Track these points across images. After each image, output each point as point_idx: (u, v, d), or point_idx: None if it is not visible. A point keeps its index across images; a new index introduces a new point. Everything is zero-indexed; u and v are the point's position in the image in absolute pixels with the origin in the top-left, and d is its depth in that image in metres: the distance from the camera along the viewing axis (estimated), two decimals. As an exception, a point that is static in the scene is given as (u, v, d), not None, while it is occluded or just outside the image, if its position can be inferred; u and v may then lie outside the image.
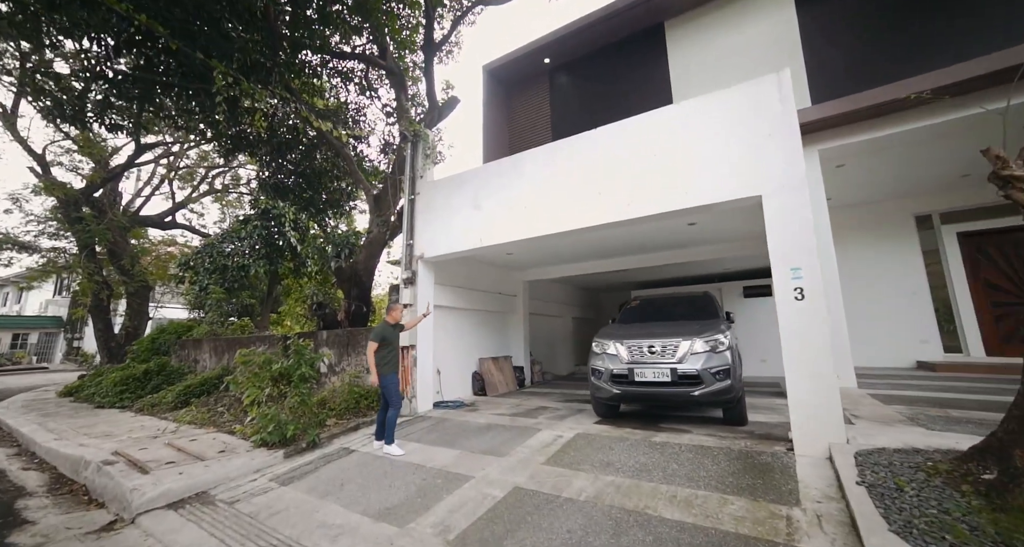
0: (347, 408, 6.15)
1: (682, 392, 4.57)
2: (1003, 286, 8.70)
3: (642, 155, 4.96)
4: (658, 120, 4.94)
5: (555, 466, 3.96)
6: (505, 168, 6.21)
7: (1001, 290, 8.69)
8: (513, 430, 5.24)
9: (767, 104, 4.23)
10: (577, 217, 5.34)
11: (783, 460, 3.63)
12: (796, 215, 3.94)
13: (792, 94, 4.10)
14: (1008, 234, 8.47)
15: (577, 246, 7.78)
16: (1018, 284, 8.63)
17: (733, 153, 4.37)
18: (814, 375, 3.68)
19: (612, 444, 4.43)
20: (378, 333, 4.85)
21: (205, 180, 16.54)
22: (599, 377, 5.12)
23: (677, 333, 4.91)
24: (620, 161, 5.12)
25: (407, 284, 6.93)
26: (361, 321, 8.35)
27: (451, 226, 6.63)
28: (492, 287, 9.30)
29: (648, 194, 4.85)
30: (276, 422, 4.97)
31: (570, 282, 12.49)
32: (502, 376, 8.71)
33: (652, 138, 4.93)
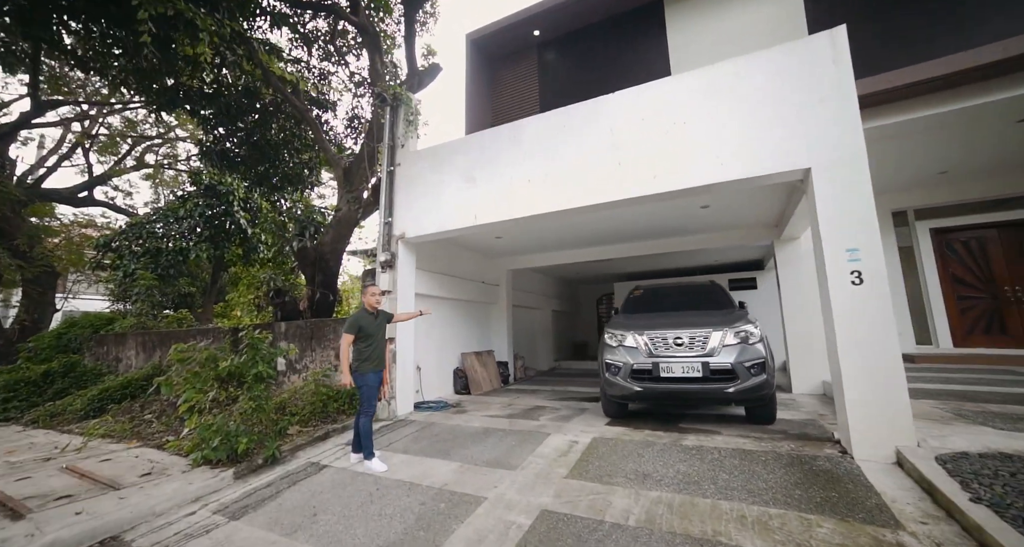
0: (313, 413, 5.17)
1: (715, 389, 4.06)
2: (967, 280, 9.06)
3: (670, 123, 4.39)
4: (689, 84, 4.37)
5: (582, 479, 3.31)
6: (504, 137, 5.45)
7: (966, 284, 9.06)
8: (516, 435, 4.54)
9: (819, 66, 3.77)
10: (593, 191, 4.70)
11: (844, 466, 3.19)
12: (854, 190, 3.50)
13: (848, 55, 3.66)
14: (973, 230, 8.83)
15: (574, 230, 7.18)
16: (981, 279, 9.01)
17: (777, 121, 3.88)
18: (877, 370, 3.26)
19: (639, 450, 3.84)
20: (353, 322, 3.97)
21: (132, 153, 14.37)
22: (615, 373, 4.53)
23: (704, 323, 4.41)
24: (644, 129, 4.52)
25: (385, 268, 6.00)
26: (326, 311, 7.28)
27: (439, 202, 5.78)
28: (474, 275, 8.51)
29: (676, 166, 4.28)
30: (223, 433, 3.97)
31: (551, 273, 11.92)
32: (486, 372, 7.97)
33: (681, 104, 4.37)
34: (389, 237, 6.12)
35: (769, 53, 4.04)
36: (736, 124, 4.06)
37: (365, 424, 3.91)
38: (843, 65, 3.67)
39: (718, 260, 10.23)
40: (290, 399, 5.48)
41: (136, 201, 14.77)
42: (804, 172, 3.78)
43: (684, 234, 7.60)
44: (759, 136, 3.94)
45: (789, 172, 3.82)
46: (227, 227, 9.41)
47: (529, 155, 5.18)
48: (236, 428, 4.10)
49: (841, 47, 3.69)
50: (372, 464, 3.82)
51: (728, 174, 4.04)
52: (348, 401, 5.47)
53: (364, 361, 3.94)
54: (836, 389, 3.57)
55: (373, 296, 4.16)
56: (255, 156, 8.96)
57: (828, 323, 3.57)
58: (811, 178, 3.69)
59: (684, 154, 4.27)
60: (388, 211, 6.19)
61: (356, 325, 3.96)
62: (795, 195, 4.97)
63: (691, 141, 4.25)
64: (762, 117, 3.95)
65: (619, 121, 4.68)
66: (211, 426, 4.00)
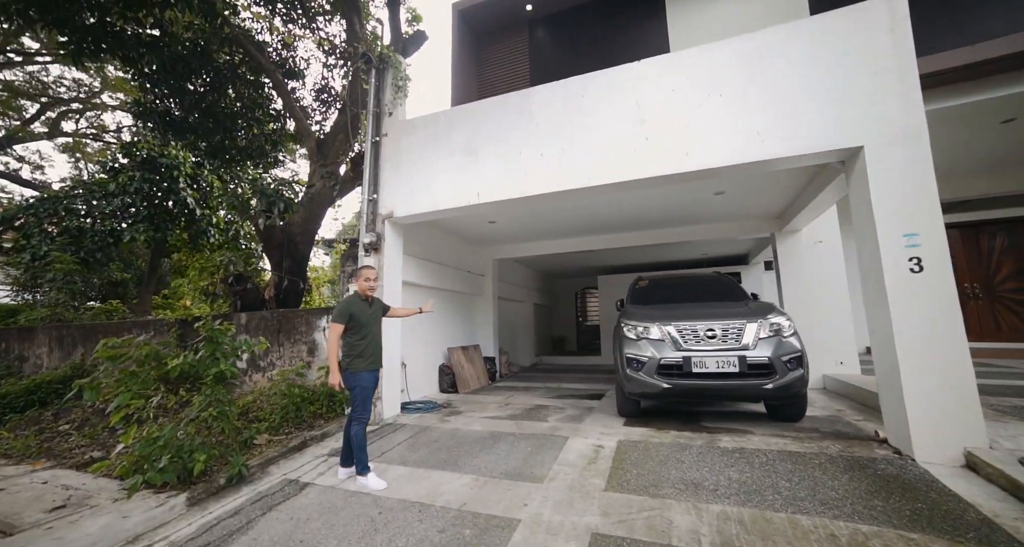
0: (285, 418, 4.38)
1: (751, 385, 3.73)
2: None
3: (703, 95, 3.99)
4: (725, 54, 3.99)
5: (626, 492, 2.84)
6: (512, 106, 4.86)
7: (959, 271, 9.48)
8: (529, 440, 4.01)
9: (873, 34, 3.48)
10: (616, 169, 4.23)
11: (911, 471, 2.91)
12: (914, 170, 3.24)
13: (908, 22, 3.40)
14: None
15: (569, 217, 6.72)
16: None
17: (824, 95, 3.57)
18: (941, 364, 3.01)
19: (675, 454, 3.43)
20: (343, 310, 3.29)
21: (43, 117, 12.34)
22: (638, 368, 4.10)
23: (735, 314, 4.08)
24: (674, 102, 4.10)
25: (369, 251, 5.26)
26: (295, 300, 6.39)
27: (434, 177, 5.11)
28: (460, 264, 7.87)
29: (712, 142, 3.90)
30: (174, 449, 3.16)
31: (532, 265, 11.45)
32: (473, 369, 7.37)
33: (716, 75, 3.98)
34: (374, 216, 5.37)
35: (816, 21, 3.73)
36: (778, 98, 3.72)
37: (359, 433, 3.24)
38: (901, 33, 3.40)
39: (706, 254, 10.17)
40: (255, 402, 4.64)
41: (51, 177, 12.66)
42: (853, 151, 3.50)
43: (684, 224, 7.35)
44: (804, 111, 3.62)
45: (836, 151, 3.52)
46: (170, 206, 8.15)
47: (542, 127, 4.63)
48: (190, 441, 3.29)
49: (900, 13, 3.42)
50: (368, 481, 3.17)
51: (769, 152, 3.69)
52: (327, 403, 4.71)
53: (357, 357, 3.26)
54: (886, 386, 3.33)
55: (368, 280, 3.47)
56: (207, 125, 7.75)
57: (879, 314, 3.30)
58: (862, 158, 3.41)
59: (720, 129, 3.88)
60: (373, 187, 5.43)
61: (347, 313, 3.27)
62: (818, 180, 4.75)
63: (728, 115, 3.88)
64: (807, 90, 3.63)
65: (646, 93, 4.23)
66: (156, 440, 3.16)
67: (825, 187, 4.55)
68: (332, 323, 3.22)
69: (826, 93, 3.57)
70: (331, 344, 3.20)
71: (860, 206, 3.51)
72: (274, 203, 5.25)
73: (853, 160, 3.57)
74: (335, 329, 3.23)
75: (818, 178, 4.73)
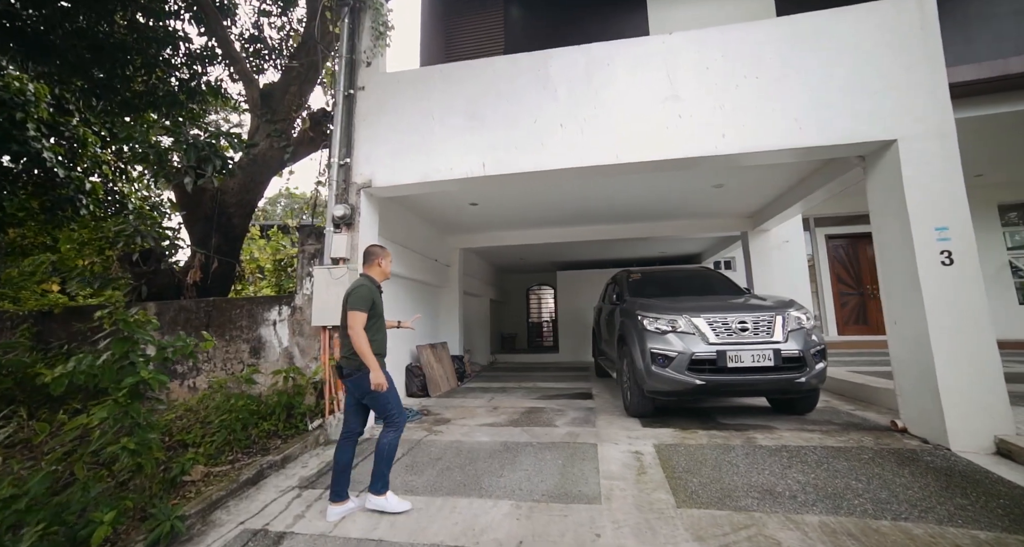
0: (227, 441, 3.28)
1: (786, 379, 3.59)
2: (845, 280, 10.83)
3: (740, 75, 3.79)
4: (767, 34, 3.82)
5: (705, 507, 2.44)
6: (523, 69, 4.26)
7: (845, 283, 10.80)
8: (552, 450, 3.46)
9: (906, 30, 3.53)
10: (646, 146, 3.86)
11: (958, 462, 2.89)
12: (944, 165, 3.32)
13: (937, 20, 3.48)
14: (850, 238, 10.57)
15: (558, 204, 6.29)
16: (855, 278, 10.82)
17: (861, 87, 3.55)
18: (972, 355, 3.09)
19: (722, 457, 3.14)
20: (366, 297, 2.60)
21: None
22: (664, 364, 3.78)
23: (761, 307, 3.94)
24: (710, 79, 3.84)
25: (340, 226, 4.29)
26: (224, 287, 5.08)
27: (426, 143, 4.31)
28: (428, 251, 7.03)
29: (749, 125, 3.70)
30: (49, 512, 2.07)
31: (491, 257, 10.84)
32: (443, 369, 6.59)
33: (754, 55, 3.80)
34: (347, 185, 4.39)
35: (855, 11, 3.70)
36: (815, 85, 3.64)
37: (394, 442, 2.62)
38: (931, 30, 3.48)
39: (663, 252, 10.44)
40: (179, 422, 3.44)
41: None
42: (883, 145, 3.51)
43: (663, 219, 7.33)
44: (841, 101, 3.57)
45: (870, 143, 3.52)
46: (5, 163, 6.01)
47: (561, 94, 4.11)
48: (82, 492, 2.21)
49: (929, 12, 3.50)
50: (388, 501, 2.50)
51: (806, 139, 3.59)
52: (283, 418, 3.68)
53: (376, 354, 2.49)
54: (912, 377, 3.38)
55: (389, 264, 2.78)
56: (80, 54, 5.77)
57: (910, 307, 3.33)
58: (894, 151, 3.43)
59: (757, 113, 3.71)
60: (345, 149, 4.45)
61: (370, 300, 2.54)
62: (818, 175, 4.85)
63: (765, 99, 3.71)
64: (845, 81, 3.59)
65: (679, 66, 3.93)
66: (11, 502, 2.03)
67: (826, 183, 4.67)
68: (355, 312, 2.54)
69: (862, 84, 3.55)
70: (363, 337, 2.49)
71: (888, 200, 3.54)
72: (207, 159, 3.99)
73: (879, 154, 3.59)
74: (360, 318, 2.52)
75: (818, 173, 4.85)
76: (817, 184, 4.90)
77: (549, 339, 14.72)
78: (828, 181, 4.65)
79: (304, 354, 4.23)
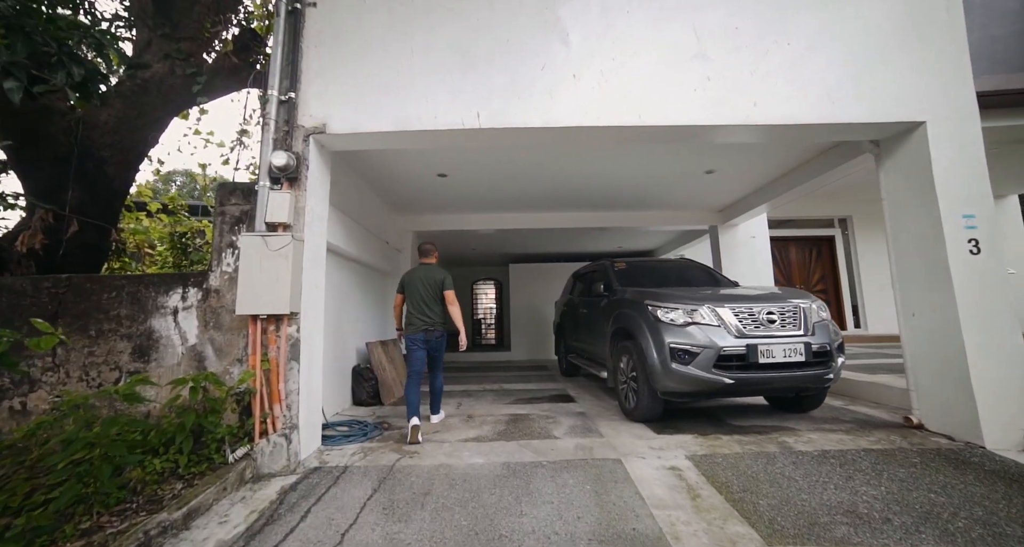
0: (78, 498, 2.05)
1: (815, 376, 3.27)
2: (779, 279, 11.63)
3: (770, 40, 3.40)
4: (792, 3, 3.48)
5: (797, 543, 1.92)
6: (528, 6, 3.49)
7: (779, 283, 11.59)
8: (570, 471, 2.76)
9: (933, 13, 3.40)
10: (674, 109, 3.33)
11: (1004, 462, 2.74)
12: (969, 150, 3.22)
13: (961, 4, 3.39)
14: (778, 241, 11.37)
15: (532, 181, 5.63)
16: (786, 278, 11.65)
17: (891, 66, 3.35)
18: (1001, 347, 2.99)
19: (771, 469, 2.68)
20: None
21: None
22: (686, 360, 3.28)
23: (781, 296, 3.62)
24: (739, 41, 3.41)
25: (280, 181, 3.17)
26: (89, 262, 3.60)
27: (404, 81, 3.35)
28: (379, 231, 5.95)
29: (781, 94, 3.33)
30: None
31: (441, 245, 9.82)
32: (395, 372, 5.56)
33: (785, 19, 3.43)
34: (290, 129, 3.27)
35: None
36: (847, 58, 3.37)
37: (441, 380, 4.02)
38: (956, 14, 3.38)
39: (621, 246, 10.27)
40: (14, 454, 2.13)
41: None
42: (909, 127, 3.35)
43: (633, 208, 7.00)
44: (874, 76, 3.34)
45: (905, 123, 3.32)
46: None
47: (573, 39, 3.42)
48: None
49: (955, -6, 3.40)
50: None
51: (839, 114, 3.31)
52: (188, 449, 2.50)
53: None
54: (935, 372, 3.24)
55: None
56: None
57: (936, 298, 3.18)
58: (921, 134, 3.28)
59: (790, 82, 3.35)
60: (290, 81, 3.32)
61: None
62: (819, 163, 4.73)
63: (799, 67, 3.37)
64: (876, 57, 3.36)
65: (706, 23, 3.45)
66: None
67: (825, 171, 4.57)
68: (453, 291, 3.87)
69: (893, 60, 3.35)
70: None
71: (910, 186, 3.39)
72: (58, 65, 2.61)
73: (902, 136, 3.44)
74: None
75: (818, 160, 4.72)
76: (813, 173, 4.81)
77: (491, 337, 14.05)
78: (829, 168, 4.55)
79: (222, 355, 3.04)
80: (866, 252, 8.90)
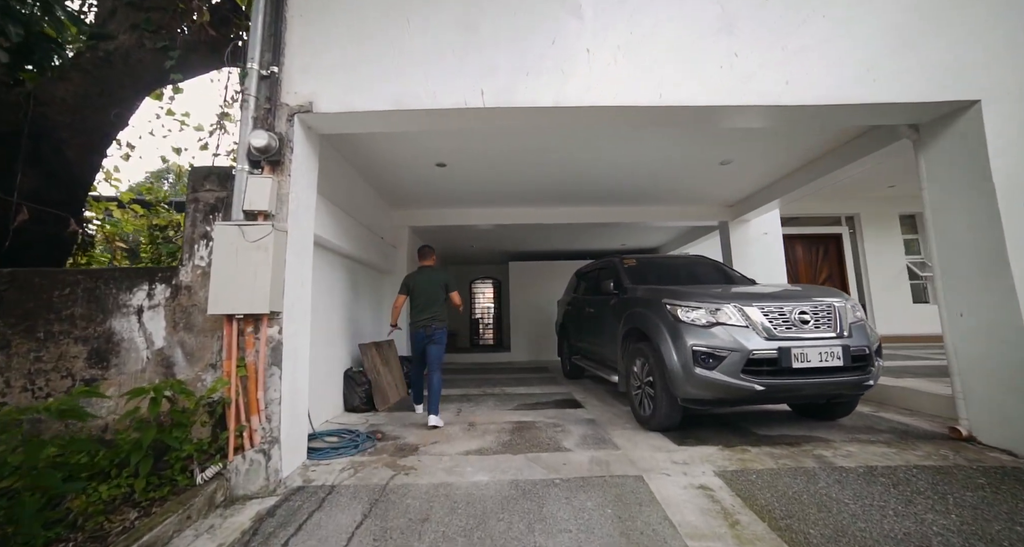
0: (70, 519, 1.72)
1: (854, 381, 2.97)
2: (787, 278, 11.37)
3: (806, 11, 3.10)
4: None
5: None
6: (536, -27, 3.17)
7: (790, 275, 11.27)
8: (584, 490, 2.44)
9: (985, -16, 3.10)
10: (698, 88, 3.01)
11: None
12: None
13: (1017, -26, 3.10)
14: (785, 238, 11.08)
15: (535, 173, 5.31)
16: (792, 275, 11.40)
17: (945, 36, 3.04)
18: (1065, 348, 2.69)
19: (815, 488, 2.37)
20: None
21: None
22: (711, 365, 2.97)
23: (813, 294, 3.31)
24: (768, 13, 3.10)
25: (260, 164, 2.83)
26: (47, 256, 3.24)
27: (399, 56, 3.02)
28: (373, 225, 5.61)
29: (815, 72, 3.02)
30: None
31: (437, 242, 9.49)
32: (391, 375, 5.23)
33: None
34: (272, 106, 2.93)
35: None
36: (889, 30, 3.06)
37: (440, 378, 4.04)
38: (1011, -14, 3.09)
39: (624, 243, 9.97)
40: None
41: None
42: (960, 107, 3.05)
43: (639, 203, 6.70)
44: (918, 53, 3.04)
45: (956, 102, 3.02)
46: None
47: (584, 14, 3.10)
48: None
49: (1008, -35, 3.10)
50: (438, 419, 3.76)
51: (881, 94, 3.01)
52: (146, 471, 2.16)
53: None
54: (977, 376, 2.95)
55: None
56: None
57: (993, 295, 2.87)
58: (975, 114, 2.99)
59: (825, 59, 3.05)
60: (272, 54, 2.99)
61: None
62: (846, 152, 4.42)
63: (834, 41, 3.07)
64: (922, 29, 3.06)
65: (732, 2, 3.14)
66: None
67: (853, 160, 4.27)
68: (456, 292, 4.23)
69: (944, 32, 3.04)
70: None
71: (959, 172, 3.09)
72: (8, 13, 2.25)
73: (951, 118, 3.13)
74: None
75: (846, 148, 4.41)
76: (836, 164, 4.52)
77: (489, 337, 13.73)
78: (855, 158, 4.25)
79: (194, 360, 2.70)
80: (874, 250, 8.66)
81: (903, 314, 8.30)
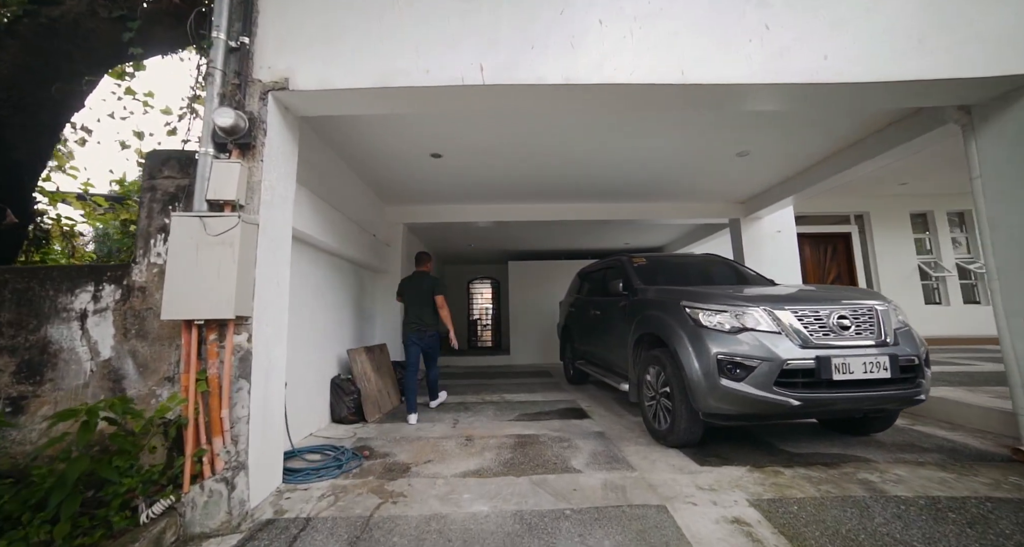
0: None
1: (904, 395, 2.63)
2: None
3: (842, -21, 2.77)
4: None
5: None
6: (541, -65, 2.82)
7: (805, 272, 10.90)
8: (600, 524, 2.09)
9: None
10: (723, 64, 2.67)
11: None
12: (1093, 115, 2.59)
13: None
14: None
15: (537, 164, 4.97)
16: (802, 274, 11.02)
17: (989, 13, 2.72)
18: None
19: (871, 525, 2.03)
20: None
21: None
22: (739, 376, 2.62)
23: (848, 295, 2.97)
24: (803, -21, 2.77)
25: (228, 148, 2.47)
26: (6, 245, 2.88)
27: (387, 27, 2.67)
28: (364, 222, 5.25)
29: (856, 45, 2.69)
30: None
31: (432, 240, 9.13)
32: (382, 382, 4.86)
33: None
34: (243, 82, 2.58)
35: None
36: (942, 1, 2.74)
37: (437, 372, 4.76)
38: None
39: (628, 243, 9.63)
40: None
41: None
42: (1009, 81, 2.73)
43: (646, 199, 6.37)
44: (972, 23, 2.69)
45: (1014, 77, 2.69)
46: None
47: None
48: None
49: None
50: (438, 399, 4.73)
51: (933, 68, 2.67)
52: (74, 513, 1.81)
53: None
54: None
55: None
56: None
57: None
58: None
59: (866, 28, 2.71)
60: (242, 23, 2.63)
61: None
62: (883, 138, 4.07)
63: (876, 11, 2.73)
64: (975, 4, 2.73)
65: (762, -40, 2.80)
66: None
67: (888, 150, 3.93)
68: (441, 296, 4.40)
69: (989, 12, 2.72)
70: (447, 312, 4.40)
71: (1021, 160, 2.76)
72: None
73: (1007, 99, 2.81)
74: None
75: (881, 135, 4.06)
76: (862, 156, 4.18)
77: (487, 338, 13.37)
78: (886, 148, 3.92)
79: (147, 372, 2.34)
80: (884, 250, 8.36)
81: (915, 316, 7.96)
